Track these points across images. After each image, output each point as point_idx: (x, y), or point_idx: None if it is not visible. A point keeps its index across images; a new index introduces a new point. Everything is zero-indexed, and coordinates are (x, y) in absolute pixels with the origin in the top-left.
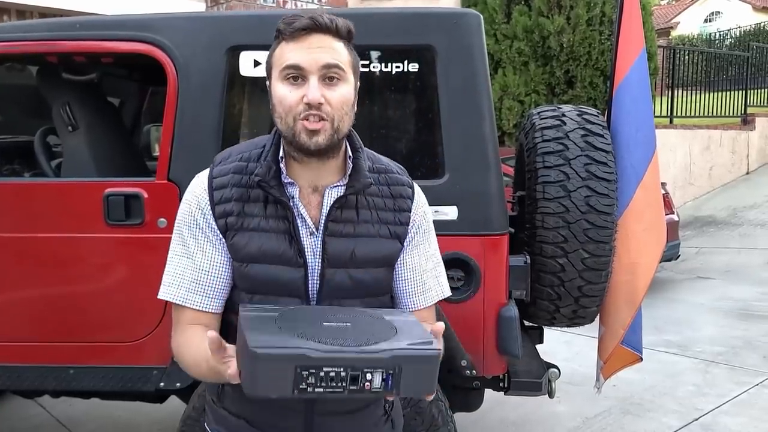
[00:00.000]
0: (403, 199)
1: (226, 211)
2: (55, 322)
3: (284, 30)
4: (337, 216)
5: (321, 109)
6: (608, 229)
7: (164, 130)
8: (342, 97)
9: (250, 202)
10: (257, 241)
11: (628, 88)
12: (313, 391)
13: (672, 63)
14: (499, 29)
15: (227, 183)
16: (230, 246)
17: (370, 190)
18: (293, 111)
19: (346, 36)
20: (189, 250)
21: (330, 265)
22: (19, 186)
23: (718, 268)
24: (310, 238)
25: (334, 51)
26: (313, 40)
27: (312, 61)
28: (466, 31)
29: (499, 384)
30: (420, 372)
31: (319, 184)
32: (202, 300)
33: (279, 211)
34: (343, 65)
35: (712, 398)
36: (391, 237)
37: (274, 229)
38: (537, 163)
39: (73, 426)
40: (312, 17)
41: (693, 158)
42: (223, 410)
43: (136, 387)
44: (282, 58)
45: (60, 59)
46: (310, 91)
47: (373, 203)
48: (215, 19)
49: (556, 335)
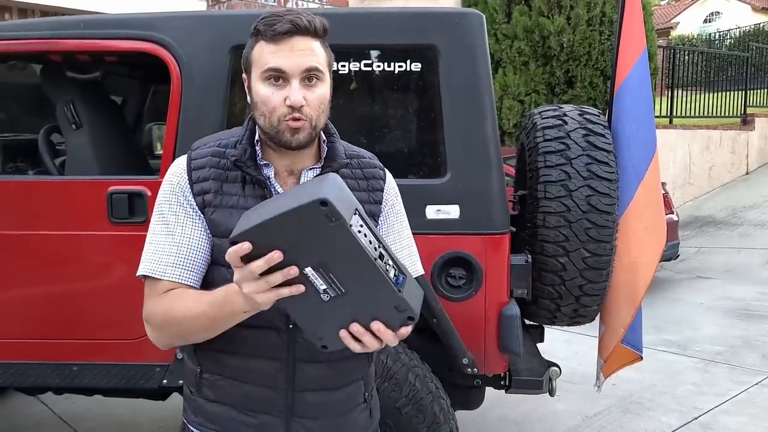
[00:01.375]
0: (376, 180)
1: (204, 189)
2: (58, 320)
3: (265, 31)
4: None
5: (302, 111)
6: (609, 228)
7: (167, 129)
8: (320, 97)
9: (228, 182)
10: (236, 217)
11: (629, 88)
12: (359, 232)
13: (672, 63)
14: (499, 29)
15: (205, 164)
16: (209, 222)
17: (344, 172)
18: (277, 112)
19: (322, 35)
20: (169, 228)
21: None
22: (23, 184)
23: (717, 267)
24: None
25: (313, 53)
26: (294, 43)
27: (294, 65)
28: (469, 31)
29: (500, 382)
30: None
31: (295, 168)
32: (180, 273)
33: (256, 191)
34: (321, 66)
35: (711, 397)
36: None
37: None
38: (538, 163)
39: (75, 423)
40: (292, 21)
41: (692, 158)
42: (201, 399)
43: (139, 384)
44: (263, 59)
45: (64, 58)
46: (292, 94)
47: (348, 185)
48: (219, 18)
49: (556, 334)
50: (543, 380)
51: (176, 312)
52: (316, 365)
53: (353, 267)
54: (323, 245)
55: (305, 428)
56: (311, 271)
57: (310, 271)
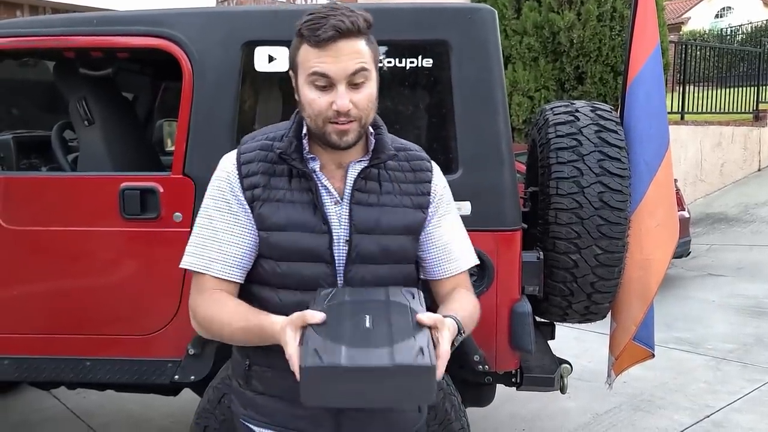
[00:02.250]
0: (423, 172)
1: (253, 183)
2: (71, 315)
3: (308, 37)
4: (361, 186)
5: (349, 114)
6: (621, 225)
7: (179, 125)
8: (368, 97)
9: (275, 176)
10: (283, 211)
11: (642, 84)
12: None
13: (683, 59)
14: (509, 25)
15: (254, 158)
16: (257, 216)
17: (391, 164)
18: (322, 115)
19: (366, 31)
20: (213, 223)
21: (357, 231)
22: (36, 180)
23: (729, 265)
24: (335, 207)
25: (359, 54)
26: (338, 47)
27: (339, 70)
28: (481, 27)
29: (512, 379)
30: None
31: (342, 161)
32: (223, 268)
33: (303, 184)
34: (367, 66)
35: (723, 395)
36: (413, 207)
37: (299, 200)
38: (550, 159)
39: (87, 418)
40: (335, 26)
41: (704, 155)
42: (250, 391)
43: (151, 379)
44: (308, 64)
45: (76, 54)
46: (338, 99)
47: (395, 176)
48: (230, 14)
49: (567, 331)
50: (554, 377)
51: (215, 321)
52: None
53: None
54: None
55: (354, 421)
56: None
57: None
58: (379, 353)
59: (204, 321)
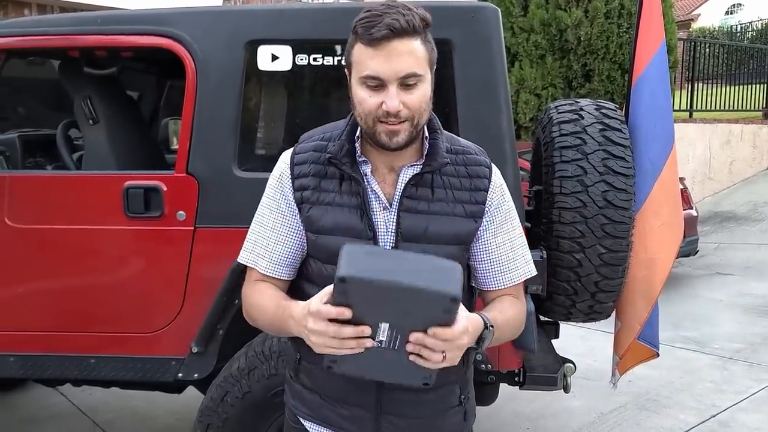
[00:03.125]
0: (480, 179)
1: (303, 185)
2: (76, 313)
3: (362, 35)
4: (412, 193)
5: (399, 115)
6: (625, 224)
7: (183, 124)
8: (420, 98)
9: (326, 179)
10: (331, 214)
11: (647, 82)
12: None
13: (692, 56)
14: (515, 22)
15: (307, 160)
16: (306, 218)
17: (446, 170)
18: (372, 114)
19: (422, 30)
20: (264, 220)
21: (404, 239)
22: (41, 178)
23: (737, 263)
24: (383, 213)
25: (412, 56)
26: (392, 47)
27: (392, 72)
28: (484, 25)
29: (515, 378)
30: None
31: (395, 165)
32: (268, 266)
33: (352, 187)
34: (421, 70)
35: (729, 395)
36: (466, 216)
37: (347, 204)
38: (554, 158)
39: (92, 414)
40: (390, 24)
41: (713, 152)
42: (299, 385)
43: (155, 377)
44: (361, 65)
45: (81, 53)
46: (389, 100)
47: (449, 183)
48: (234, 13)
49: (571, 330)
50: (557, 377)
51: (255, 308)
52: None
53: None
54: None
55: (394, 426)
56: (386, 327)
57: (385, 327)
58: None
59: (247, 308)
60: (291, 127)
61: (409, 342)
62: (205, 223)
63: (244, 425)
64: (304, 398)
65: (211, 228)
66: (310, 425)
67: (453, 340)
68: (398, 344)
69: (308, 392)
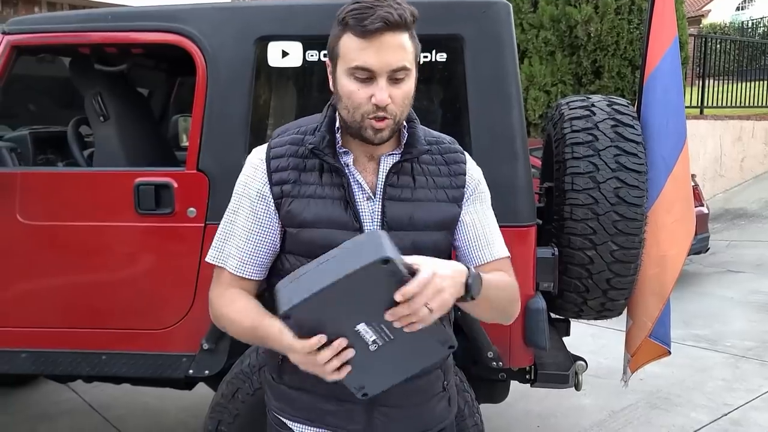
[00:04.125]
0: (457, 164)
1: (282, 179)
2: (87, 309)
3: (354, 26)
4: (394, 181)
5: (387, 109)
6: (638, 221)
7: (193, 121)
8: (406, 93)
9: (306, 171)
10: (313, 207)
11: (659, 78)
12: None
13: (703, 52)
14: (525, 18)
15: (284, 153)
16: (286, 213)
17: (424, 158)
18: (361, 109)
19: (411, 25)
20: (236, 218)
21: (390, 228)
22: (52, 175)
23: (749, 261)
24: (367, 203)
25: (403, 50)
26: (383, 40)
27: (383, 64)
28: (495, 21)
29: (526, 376)
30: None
31: (375, 154)
32: (239, 266)
33: (334, 179)
34: (409, 64)
35: (741, 393)
36: (448, 200)
37: (330, 196)
38: (566, 154)
39: (103, 410)
40: (384, 17)
41: (724, 149)
42: (283, 386)
43: (166, 373)
44: (350, 55)
45: (92, 50)
46: (378, 93)
47: (428, 170)
48: (244, 9)
49: (583, 327)
50: (569, 374)
51: (225, 319)
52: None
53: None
54: (376, 301)
55: (386, 416)
56: (363, 327)
57: (363, 327)
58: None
59: (216, 315)
60: None
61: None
62: (215, 219)
63: (255, 421)
64: (290, 399)
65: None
66: (297, 426)
67: (422, 289)
68: (389, 332)
69: (294, 392)
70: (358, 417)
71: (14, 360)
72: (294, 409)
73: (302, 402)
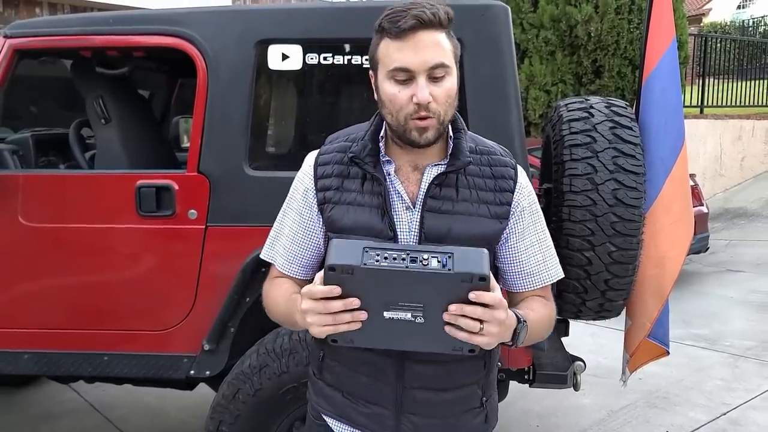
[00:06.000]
0: (505, 180)
1: (326, 185)
2: (89, 311)
3: (389, 29)
4: (435, 193)
5: (429, 108)
6: (636, 222)
7: (194, 123)
8: (447, 91)
9: (349, 178)
10: (352, 214)
11: (657, 79)
12: (378, 264)
13: (703, 51)
14: (525, 18)
15: (330, 160)
16: (327, 218)
17: (471, 170)
18: (404, 110)
19: (447, 24)
20: (285, 219)
21: (427, 239)
22: (54, 178)
23: (748, 260)
24: (406, 213)
25: (439, 47)
26: (419, 38)
27: (420, 62)
28: (494, 23)
29: (524, 376)
30: (470, 256)
31: (420, 163)
32: (285, 264)
33: (374, 187)
34: (447, 61)
35: (740, 393)
36: (490, 217)
37: (369, 204)
38: (564, 156)
39: (105, 410)
40: (417, 15)
41: (724, 148)
42: (321, 382)
43: (167, 374)
44: (389, 58)
45: (93, 53)
46: (419, 92)
47: (474, 183)
48: (244, 12)
49: (582, 327)
50: (567, 375)
51: (271, 302)
52: (424, 364)
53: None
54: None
55: (413, 424)
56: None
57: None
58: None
59: (266, 302)
60: (301, 126)
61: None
62: (216, 221)
63: (256, 422)
64: (326, 395)
65: (222, 226)
66: (333, 422)
67: (494, 306)
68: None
69: (330, 389)
70: (386, 422)
71: (17, 361)
72: (329, 405)
73: (336, 399)
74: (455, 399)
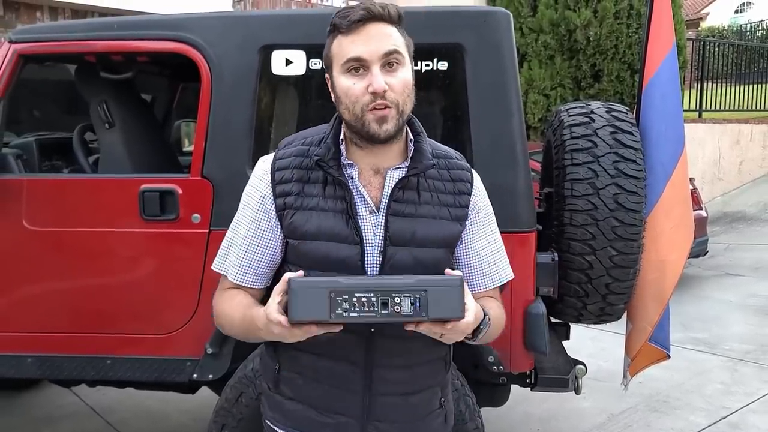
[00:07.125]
0: (463, 183)
1: (286, 191)
2: (93, 315)
3: (340, 24)
4: (399, 196)
5: (386, 97)
6: (636, 226)
7: (198, 128)
8: (403, 81)
9: (309, 183)
10: (315, 219)
11: (658, 85)
12: (348, 315)
13: (701, 55)
14: (524, 22)
15: (289, 165)
16: (288, 225)
17: (431, 173)
18: (360, 102)
19: (397, 21)
20: (237, 227)
21: (392, 243)
22: (58, 182)
23: (747, 264)
24: (371, 217)
25: (391, 38)
26: (369, 29)
27: (373, 51)
28: (495, 29)
29: (526, 380)
30: (445, 294)
31: (380, 166)
32: (236, 274)
33: (337, 192)
34: (400, 50)
35: (740, 397)
36: (451, 219)
37: (332, 209)
38: (565, 160)
39: (105, 414)
40: (366, 8)
41: (722, 153)
42: (279, 396)
43: (170, 378)
44: (342, 52)
45: (97, 58)
46: (374, 80)
47: (434, 186)
48: (248, 18)
49: (582, 331)
50: (568, 378)
51: (222, 317)
52: (393, 370)
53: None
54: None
55: (379, 431)
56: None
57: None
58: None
59: (217, 316)
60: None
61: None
62: (219, 225)
63: (259, 426)
64: (285, 409)
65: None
66: None
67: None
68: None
69: (290, 402)
70: (352, 430)
71: (20, 364)
72: (289, 420)
73: (296, 413)
74: (420, 402)
